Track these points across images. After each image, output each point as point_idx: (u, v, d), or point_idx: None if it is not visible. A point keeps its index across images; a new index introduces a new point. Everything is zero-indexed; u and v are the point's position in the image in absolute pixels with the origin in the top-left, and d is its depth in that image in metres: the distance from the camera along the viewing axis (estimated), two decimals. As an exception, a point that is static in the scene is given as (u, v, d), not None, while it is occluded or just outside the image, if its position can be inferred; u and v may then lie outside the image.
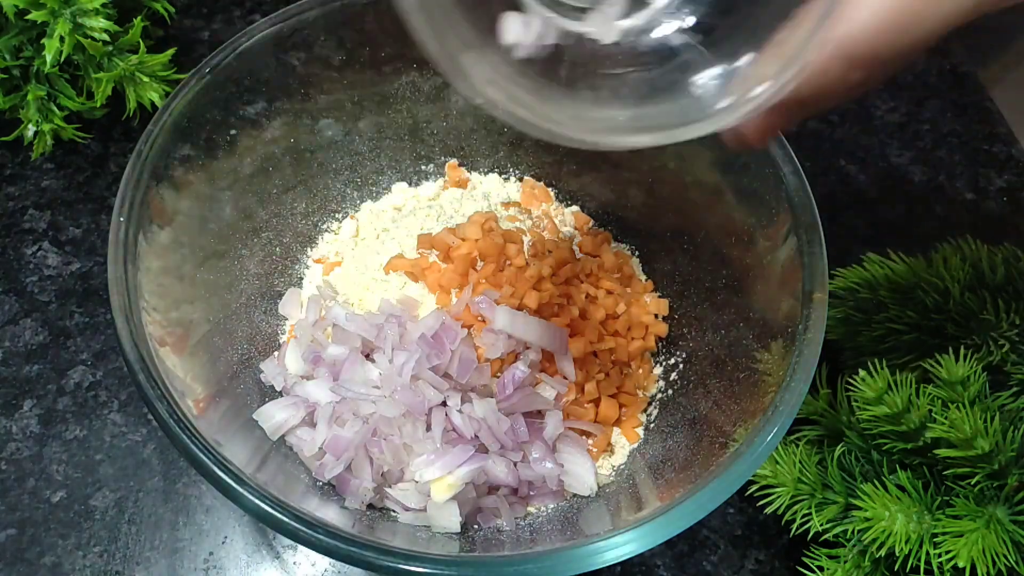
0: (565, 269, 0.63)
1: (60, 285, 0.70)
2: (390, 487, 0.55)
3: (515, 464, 0.55)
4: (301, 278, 0.67)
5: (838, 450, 0.56)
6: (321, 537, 0.41)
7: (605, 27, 0.34)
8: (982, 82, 0.89)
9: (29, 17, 0.64)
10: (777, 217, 0.52)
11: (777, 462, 0.56)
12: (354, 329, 0.58)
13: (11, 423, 0.64)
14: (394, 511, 0.56)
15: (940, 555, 0.49)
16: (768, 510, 0.56)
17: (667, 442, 0.58)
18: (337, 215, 0.69)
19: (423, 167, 0.71)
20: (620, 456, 0.60)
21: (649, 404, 0.62)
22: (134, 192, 0.50)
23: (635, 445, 0.60)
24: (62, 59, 0.66)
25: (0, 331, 0.68)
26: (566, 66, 0.34)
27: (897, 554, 0.50)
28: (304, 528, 0.41)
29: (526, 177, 0.71)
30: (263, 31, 0.56)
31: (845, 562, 0.54)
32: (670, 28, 0.35)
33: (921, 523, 0.50)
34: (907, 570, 0.50)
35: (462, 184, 0.71)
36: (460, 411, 0.55)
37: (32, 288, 0.70)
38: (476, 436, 0.54)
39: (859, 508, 0.51)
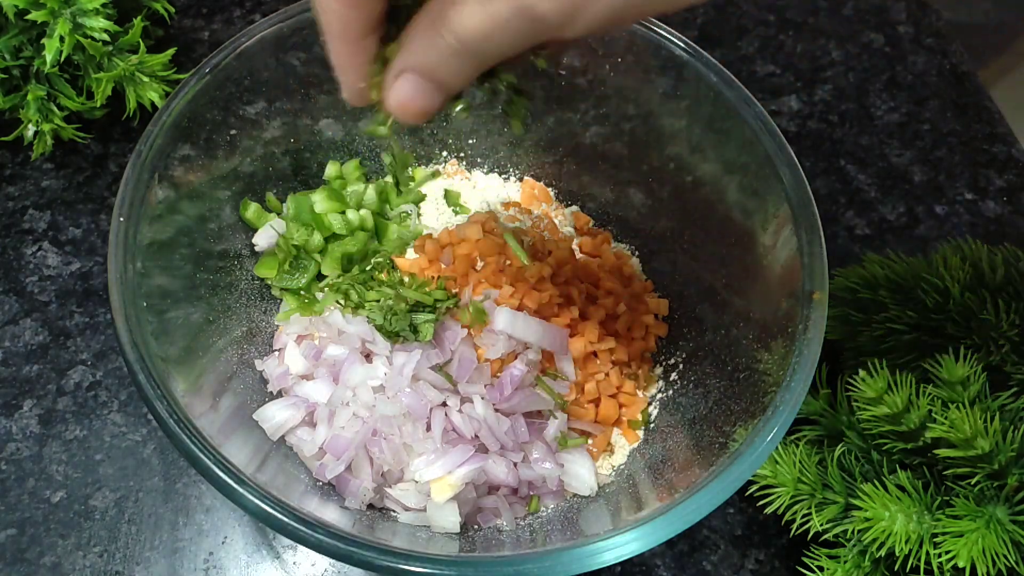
0: (565, 269, 0.63)
1: (60, 285, 0.70)
2: (390, 487, 0.55)
3: (515, 464, 0.55)
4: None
5: (838, 450, 0.56)
6: (321, 537, 0.41)
7: None
8: (982, 82, 0.89)
9: (29, 17, 0.64)
10: (777, 217, 0.52)
11: (777, 462, 0.56)
12: (354, 329, 0.58)
13: (11, 423, 0.64)
14: (394, 511, 0.56)
15: (940, 555, 0.49)
16: (768, 510, 0.56)
17: (667, 442, 0.58)
18: (337, 215, 0.69)
19: (423, 167, 0.71)
20: (620, 456, 0.60)
21: (649, 404, 0.62)
22: (134, 192, 0.50)
23: (635, 445, 0.60)
24: (62, 59, 0.66)
25: (0, 331, 0.68)
26: None
27: (897, 554, 0.50)
28: (304, 528, 0.41)
29: (526, 177, 0.71)
30: (263, 31, 0.56)
31: (845, 562, 0.54)
32: None
33: (921, 523, 0.50)
34: (907, 570, 0.50)
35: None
36: (460, 411, 0.55)
37: (32, 288, 0.70)
38: (476, 436, 0.55)
39: (859, 508, 0.51)
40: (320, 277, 0.64)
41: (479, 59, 0.35)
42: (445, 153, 0.71)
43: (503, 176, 0.72)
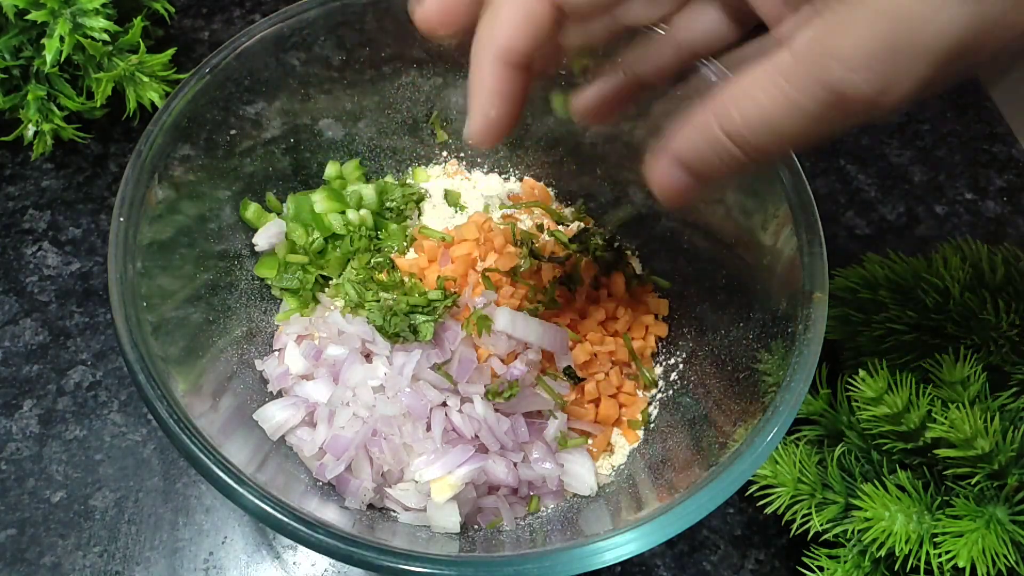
0: (565, 269, 0.63)
1: (60, 285, 0.70)
2: (390, 487, 0.55)
3: (515, 464, 0.55)
4: (301, 278, 0.67)
5: (838, 450, 0.56)
6: (321, 537, 0.41)
7: None
8: (982, 82, 0.89)
9: (29, 17, 0.64)
10: (777, 217, 0.52)
11: (777, 462, 0.56)
12: (354, 329, 0.58)
13: (11, 423, 0.64)
14: (394, 511, 0.56)
15: (940, 555, 0.49)
16: (768, 510, 0.56)
17: (667, 442, 0.58)
18: (337, 215, 0.69)
19: (423, 167, 0.71)
20: (620, 456, 0.60)
21: (649, 404, 0.62)
22: (134, 192, 0.50)
23: (635, 445, 0.60)
24: (62, 59, 0.66)
25: (0, 331, 0.68)
26: None
27: (897, 554, 0.50)
28: (304, 528, 0.41)
29: (526, 177, 0.71)
30: (263, 31, 0.56)
31: (845, 562, 0.54)
32: None
33: (921, 523, 0.50)
34: (907, 570, 0.50)
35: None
36: (460, 411, 0.55)
37: (32, 288, 0.70)
38: (476, 436, 0.54)
39: (859, 508, 0.51)
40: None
41: (761, 152, 0.31)
42: (445, 153, 0.71)
43: (503, 176, 0.72)
